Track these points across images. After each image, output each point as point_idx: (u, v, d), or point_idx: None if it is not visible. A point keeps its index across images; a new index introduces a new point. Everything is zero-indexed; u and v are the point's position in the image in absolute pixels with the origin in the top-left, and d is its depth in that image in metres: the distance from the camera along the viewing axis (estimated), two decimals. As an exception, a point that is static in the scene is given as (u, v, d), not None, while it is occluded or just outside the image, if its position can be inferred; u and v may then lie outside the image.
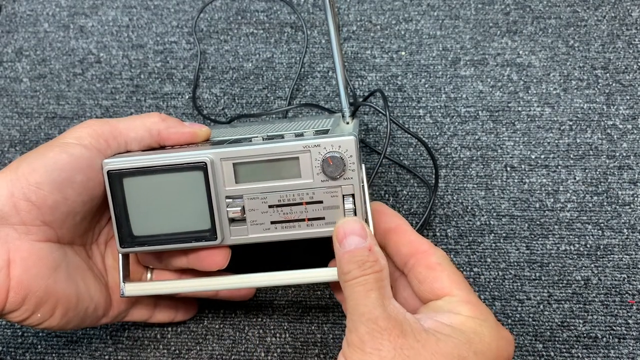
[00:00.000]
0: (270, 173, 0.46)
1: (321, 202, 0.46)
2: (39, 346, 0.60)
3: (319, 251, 0.56)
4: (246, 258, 0.58)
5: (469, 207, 0.64)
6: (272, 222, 0.47)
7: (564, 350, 0.57)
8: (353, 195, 0.46)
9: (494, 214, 0.63)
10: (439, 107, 0.69)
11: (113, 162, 0.46)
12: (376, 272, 0.42)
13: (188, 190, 0.46)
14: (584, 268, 0.60)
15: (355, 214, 0.46)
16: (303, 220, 0.47)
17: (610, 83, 0.69)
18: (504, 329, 0.43)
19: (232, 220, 0.47)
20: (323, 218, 0.47)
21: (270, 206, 0.47)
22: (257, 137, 0.48)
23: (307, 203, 0.46)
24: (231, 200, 0.47)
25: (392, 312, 0.40)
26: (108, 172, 0.46)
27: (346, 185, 0.46)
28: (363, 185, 0.46)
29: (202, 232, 0.47)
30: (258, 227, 0.47)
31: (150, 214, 0.47)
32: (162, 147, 0.51)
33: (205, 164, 0.45)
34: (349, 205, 0.46)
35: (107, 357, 0.59)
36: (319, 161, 0.45)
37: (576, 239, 0.62)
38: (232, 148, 0.46)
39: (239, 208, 0.46)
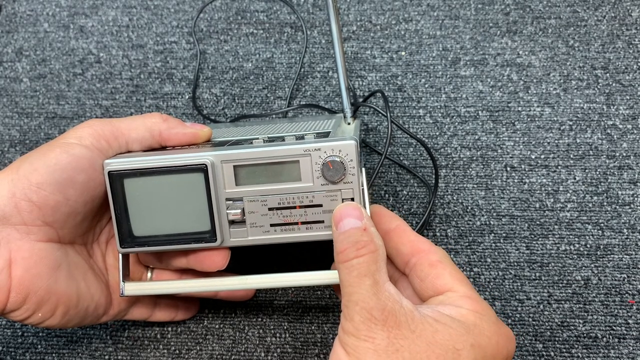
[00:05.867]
0: (271, 176, 0.46)
1: (321, 205, 0.46)
2: (39, 346, 0.60)
3: (319, 253, 0.56)
4: (247, 258, 0.58)
5: (469, 207, 0.64)
6: (271, 225, 0.47)
7: (564, 350, 0.57)
8: (352, 199, 0.46)
9: (494, 214, 0.63)
10: (439, 107, 0.69)
11: (114, 163, 0.46)
12: (371, 252, 0.41)
13: (188, 192, 0.46)
14: (584, 268, 0.60)
15: None
16: (302, 223, 0.47)
17: (610, 83, 0.69)
18: (504, 325, 0.43)
19: (231, 222, 0.47)
20: (322, 221, 0.47)
21: (270, 209, 0.47)
22: (257, 139, 0.48)
23: (307, 206, 0.46)
24: (231, 202, 0.47)
25: (388, 301, 0.39)
26: (109, 172, 0.46)
27: (346, 189, 0.46)
28: (363, 190, 0.46)
29: (202, 234, 0.47)
30: (257, 230, 0.47)
31: (150, 214, 0.47)
32: (163, 148, 0.51)
33: (206, 165, 0.45)
34: None
35: (107, 357, 0.59)
36: (319, 165, 0.45)
37: (576, 239, 0.62)
38: (232, 150, 0.46)
39: (239, 210, 0.46)
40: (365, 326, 0.39)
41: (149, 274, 0.54)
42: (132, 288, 0.50)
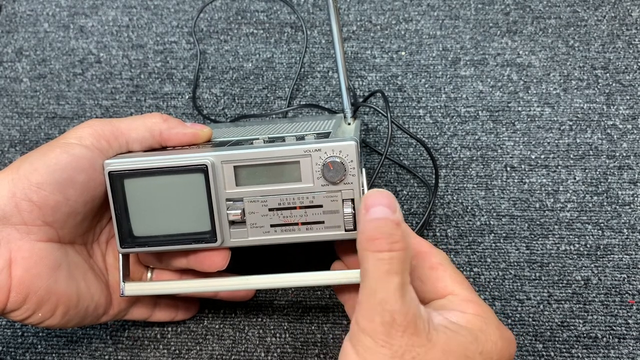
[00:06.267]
0: (271, 176, 0.46)
1: (321, 206, 0.46)
2: (39, 346, 0.60)
3: (319, 253, 0.56)
4: (247, 259, 0.58)
5: (469, 207, 0.64)
6: (271, 225, 0.47)
7: (564, 350, 0.57)
8: (353, 200, 0.46)
9: (494, 214, 0.63)
10: (439, 107, 0.69)
11: (114, 163, 0.46)
12: (403, 249, 0.39)
13: (189, 192, 0.46)
14: (584, 268, 0.60)
15: (355, 219, 0.46)
16: (303, 223, 0.47)
17: (610, 83, 0.69)
18: (505, 328, 0.43)
19: (232, 223, 0.47)
20: (322, 222, 0.47)
21: (270, 209, 0.47)
22: (258, 139, 0.48)
23: (307, 207, 0.46)
24: (231, 202, 0.47)
25: (411, 306, 0.38)
26: (109, 172, 0.46)
27: (346, 189, 0.46)
28: (363, 190, 0.46)
29: (202, 234, 0.47)
30: (258, 230, 0.47)
31: (150, 214, 0.47)
32: (163, 148, 0.51)
33: (206, 166, 0.45)
34: (348, 210, 0.46)
35: (107, 357, 0.59)
36: (319, 165, 0.45)
37: (576, 239, 0.62)
38: (233, 151, 0.46)
39: (239, 211, 0.46)
40: (385, 329, 0.37)
41: (149, 274, 0.54)
42: (132, 288, 0.50)
